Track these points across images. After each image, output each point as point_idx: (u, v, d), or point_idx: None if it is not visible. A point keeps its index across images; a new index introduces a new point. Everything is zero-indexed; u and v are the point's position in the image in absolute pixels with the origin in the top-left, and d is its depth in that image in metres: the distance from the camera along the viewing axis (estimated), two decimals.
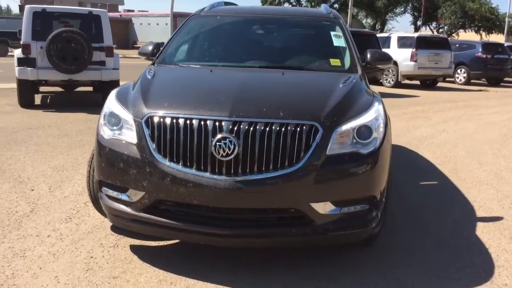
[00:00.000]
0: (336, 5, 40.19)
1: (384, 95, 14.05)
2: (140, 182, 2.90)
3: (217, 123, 2.79)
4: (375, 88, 13.28)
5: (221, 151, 2.73)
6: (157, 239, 3.37)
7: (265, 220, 2.86)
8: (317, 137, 2.81)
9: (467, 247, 3.55)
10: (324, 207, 2.84)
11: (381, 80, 16.39)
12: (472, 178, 5.36)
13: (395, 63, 16.12)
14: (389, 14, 44.13)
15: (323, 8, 4.55)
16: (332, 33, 4.11)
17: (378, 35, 17.80)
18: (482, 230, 3.87)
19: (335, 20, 4.29)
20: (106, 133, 3.09)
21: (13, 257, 3.13)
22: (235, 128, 2.76)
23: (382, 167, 3.05)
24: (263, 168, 2.76)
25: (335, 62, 3.91)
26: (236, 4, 4.96)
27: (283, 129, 2.78)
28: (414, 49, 15.90)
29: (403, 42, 16.49)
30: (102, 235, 3.51)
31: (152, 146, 2.87)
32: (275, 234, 2.86)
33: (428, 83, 17.41)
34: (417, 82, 17.58)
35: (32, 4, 8.88)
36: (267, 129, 2.77)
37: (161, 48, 4.15)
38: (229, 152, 2.73)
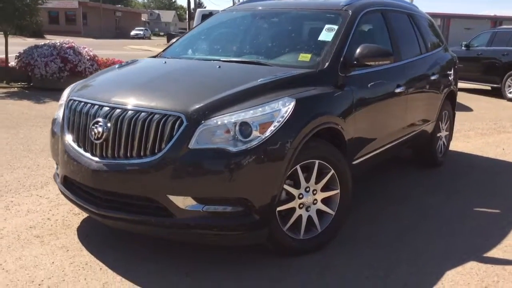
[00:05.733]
0: None
1: None
2: (57, 156, 3.31)
3: (99, 108, 3.01)
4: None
5: (93, 134, 2.93)
6: None
7: (130, 205, 2.92)
8: (180, 129, 2.76)
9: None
10: (183, 202, 2.78)
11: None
12: None
13: None
14: None
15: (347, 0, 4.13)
16: (326, 26, 3.77)
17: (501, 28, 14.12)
18: None
19: (343, 12, 3.89)
20: (56, 113, 3.57)
21: (1, 208, 3.86)
22: (109, 114, 2.93)
23: (261, 169, 2.79)
24: (128, 154, 2.86)
25: (303, 57, 3.58)
26: None
27: (148, 118, 2.82)
28: None
29: None
30: None
31: (65, 126, 3.24)
32: (138, 222, 2.90)
33: None
34: None
35: None
36: (135, 116, 2.85)
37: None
38: (99, 136, 2.91)
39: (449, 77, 5.43)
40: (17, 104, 8.73)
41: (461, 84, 13.47)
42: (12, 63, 11.21)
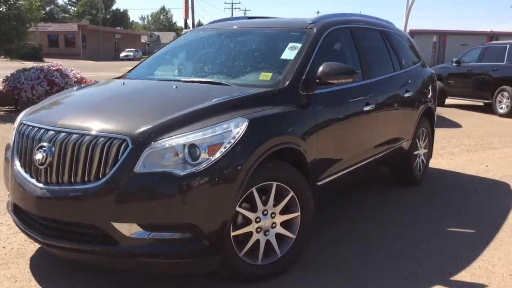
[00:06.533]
0: None
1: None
2: (7, 182, 3.20)
3: (45, 132, 2.91)
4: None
5: (37, 159, 2.83)
6: None
7: (75, 233, 2.80)
8: (125, 153, 2.66)
9: None
10: (129, 229, 2.66)
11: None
12: None
13: None
14: None
15: (315, 17, 4.07)
16: (290, 44, 3.69)
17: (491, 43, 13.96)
18: None
19: (308, 31, 3.81)
20: (11, 138, 3.48)
21: None
22: (54, 138, 2.83)
23: (210, 193, 2.68)
24: (72, 180, 2.75)
25: (264, 76, 3.50)
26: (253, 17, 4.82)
27: (93, 141, 2.73)
28: None
29: None
30: None
31: (15, 151, 3.14)
32: (83, 251, 2.78)
33: None
34: None
35: None
36: (79, 140, 2.75)
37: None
38: (43, 161, 2.81)
39: (426, 94, 5.34)
40: None
41: (453, 101, 13.53)
42: (0, 86, 11.18)
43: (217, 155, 2.70)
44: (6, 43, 10.87)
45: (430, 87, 5.48)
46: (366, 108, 4.04)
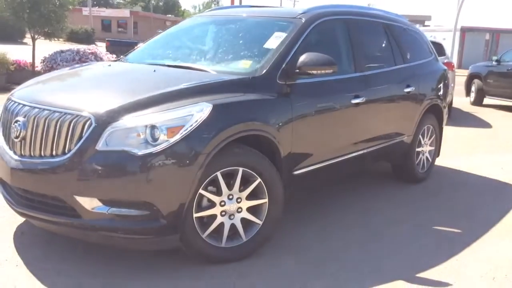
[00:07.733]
0: None
1: None
2: None
3: (22, 107, 3.09)
4: None
5: (13, 132, 3.01)
6: None
7: (44, 204, 2.95)
8: (89, 130, 2.79)
9: None
10: (90, 203, 2.80)
11: None
12: None
13: None
14: None
15: (308, 8, 4.05)
16: (275, 34, 3.72)
17: None
18: None
19: (296, 20, 3.81)
20: None
21: None
22: (28, 113, 3.00)
23: (167, 174, 2.78)
24: (42, 154, 2.91)
25: (244, 64, 3.54)
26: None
27: (61, 118, 2.87)
28: None
29: None
30: None
31: (1, 124, 3.34)
32: (51, 221, 2.94)
33: None
34: None
35: None
36: (49, 116, 2.90)
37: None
38: (17, 134, 2.98)
39: (433, 91, 5.20)
40: None
41: (492, 101, 13.05)
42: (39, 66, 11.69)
43: (177, 137, 2.78)
44: (46, 26, 11.30)
45: (439, 84, 5.34)
46: (355, 101, 4.00)
